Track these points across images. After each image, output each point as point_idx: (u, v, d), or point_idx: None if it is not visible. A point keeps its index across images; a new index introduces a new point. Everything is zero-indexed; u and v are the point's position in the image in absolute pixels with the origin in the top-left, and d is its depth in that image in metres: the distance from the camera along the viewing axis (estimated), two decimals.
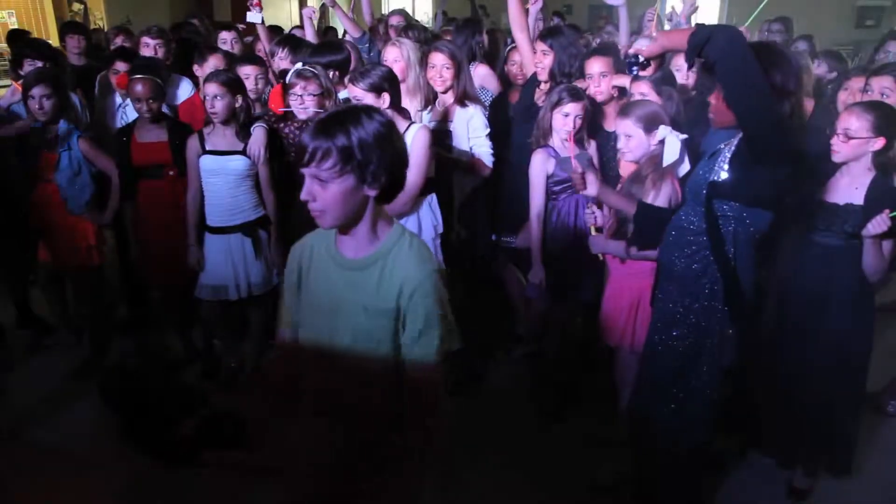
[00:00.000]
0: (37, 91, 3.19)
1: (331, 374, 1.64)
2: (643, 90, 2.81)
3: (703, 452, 2.49)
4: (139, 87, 3.23)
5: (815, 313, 2.54)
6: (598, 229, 2.77)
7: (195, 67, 3.88)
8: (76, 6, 8.48)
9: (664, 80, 2.88)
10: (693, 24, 4.51)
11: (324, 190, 1.48)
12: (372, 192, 1.51)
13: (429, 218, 2.93)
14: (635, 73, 2.35)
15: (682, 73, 3.40)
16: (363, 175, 1.47)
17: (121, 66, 3.84)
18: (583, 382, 3.45)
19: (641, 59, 2.28)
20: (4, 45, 6.58)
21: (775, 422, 2.74)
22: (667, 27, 5.24)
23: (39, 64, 3.58)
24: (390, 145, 1.49)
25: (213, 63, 3.74)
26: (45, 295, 3.97)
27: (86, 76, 4.20)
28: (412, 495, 1.66)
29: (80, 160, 3.32)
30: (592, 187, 2.54)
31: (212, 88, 3.09)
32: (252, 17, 4.46)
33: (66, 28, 4.86)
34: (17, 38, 4.83)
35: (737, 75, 1.94)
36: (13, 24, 7.51)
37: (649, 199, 2.52)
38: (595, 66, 3.13)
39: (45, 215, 3.42)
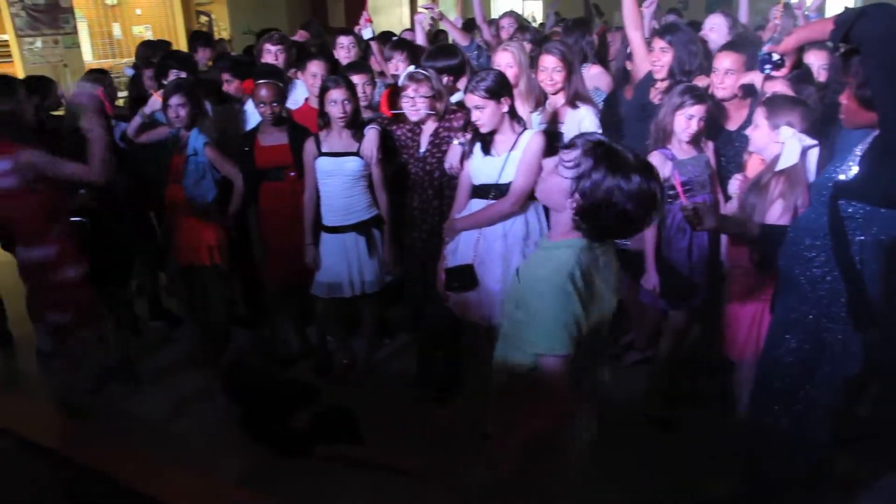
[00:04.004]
0: (174, 101, 3.38)
1: None
2: (778, 89, 2.66)
3: (824, 469, 2.34)
4: (263, 92, 3.38)
5: None
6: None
7: (293, 71, 3.97)
8: (203, 19, 9.06)
9: (802, 78, 2.70)
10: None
11: None
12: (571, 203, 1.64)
13: (535, 220, 2.93)
14: (768, 71, 2.20)
15: (815, 69, 3.20)
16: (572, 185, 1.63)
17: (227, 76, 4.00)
18: (697, 390, 3.31)
19: (775, 57, 2.13)
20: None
21: None
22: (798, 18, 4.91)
23: (183, 74, 3.77)
24: (605, 199, 1.58)
25: (313, 69, 3.73)
26: (172, 290, 4.22)
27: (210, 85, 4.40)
28: None
29: (205, 165, 3.46)
30: (710, 219, 2.35)
31: (339, 94, 3.18)
32: (366, 33, 4.60)
33: (195, 40, 5.04)
34: (159, 49, 5.04)
35: (888, 56, 1.78)
36: (149, 38, 8.08)
37: (775, 209, 2.39)
38: (723, 61, 2.98)
39: (173, 215, 3.62)
